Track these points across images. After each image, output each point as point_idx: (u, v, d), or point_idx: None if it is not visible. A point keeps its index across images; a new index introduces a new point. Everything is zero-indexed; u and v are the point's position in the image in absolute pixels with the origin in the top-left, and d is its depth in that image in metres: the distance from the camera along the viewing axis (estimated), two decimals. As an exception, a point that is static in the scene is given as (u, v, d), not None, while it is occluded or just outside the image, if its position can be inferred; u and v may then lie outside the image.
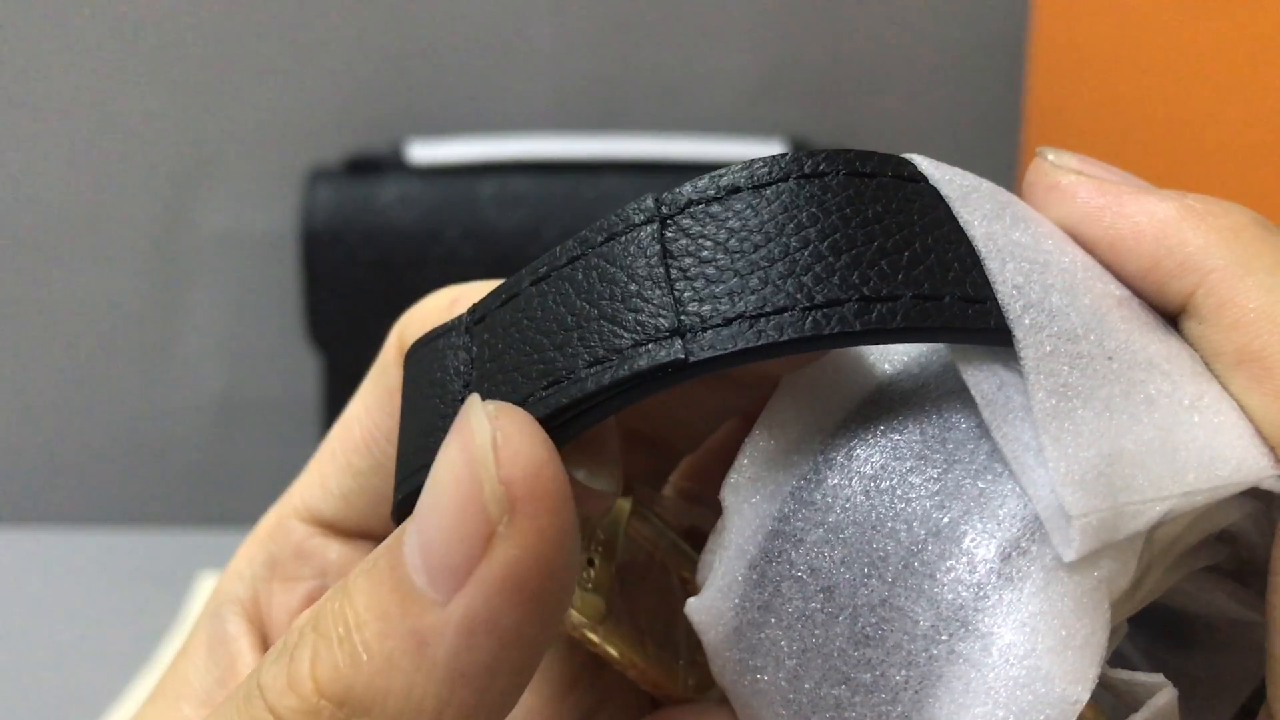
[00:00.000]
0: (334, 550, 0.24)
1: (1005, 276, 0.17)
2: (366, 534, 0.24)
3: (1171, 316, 0.20)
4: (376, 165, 0.69)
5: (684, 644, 0.22)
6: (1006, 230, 0.18)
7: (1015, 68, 0.68)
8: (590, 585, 0.21)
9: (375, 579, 0.16)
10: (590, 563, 0.21)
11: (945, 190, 0.18)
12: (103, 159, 0.75)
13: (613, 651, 0.21)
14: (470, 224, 0.67)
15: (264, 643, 0.23)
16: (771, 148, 0.70)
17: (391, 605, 0.16)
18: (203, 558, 0.71)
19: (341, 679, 0.16)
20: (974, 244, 0.18)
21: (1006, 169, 0.71)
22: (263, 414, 0.77)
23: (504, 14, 0.74)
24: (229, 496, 0.77)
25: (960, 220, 0.18)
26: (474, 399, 0.16)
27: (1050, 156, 0.20)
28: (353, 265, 0.67)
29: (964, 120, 0.76)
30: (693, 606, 0.19)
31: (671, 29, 0.74)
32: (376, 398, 0.23)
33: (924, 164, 0.19)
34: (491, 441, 0.16)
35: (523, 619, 0.16)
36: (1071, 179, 0.20)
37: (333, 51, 0.74)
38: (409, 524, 0.16)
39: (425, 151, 0.69)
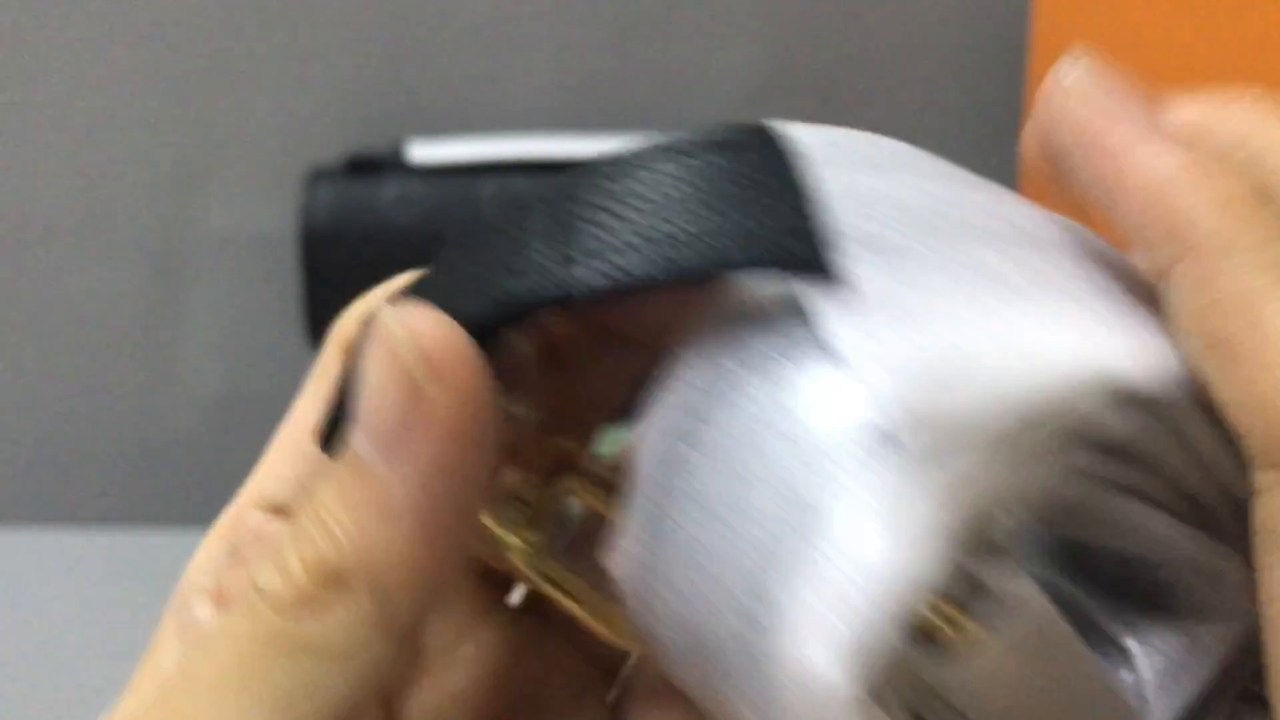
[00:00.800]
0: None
1: (844, 217, 0.19)
2: None
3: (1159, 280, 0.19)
4: (376, 165, 0.69)
5: None
6: (861, 179, 0.20)
7: (1015, 68, 0.68)
8: (525, 521, 0.22)
9: (332, 474, 0.19)
10: (527, 504, 0.22)
11: (806, 150, 0.19)
12: (103, 159, 0.75)
13: (551, 589, 0.23)
14: (471, 224, 0.67)
15: None
16: (771, 148, 0.70)
17: (351, 487, 0.19)
18: (203, 558, 0.71)
19: (326, 563, 0.19)
20: (823, 193, 0.19)
21: (1007, 169, 0.71)
22: (262, 413, 0.77)
23: (504, 14, 0.74)
24: (229, 496, 0.77)
25: (813, 173, 0.19)
26: (381, 306, 0.19)
27: (1067, 81, 0.20)
28: (353, 265, 0.67)
29: (964, 120, 0.76)
30: (607, 554, 0.20)
31: (671, 29, 0.74)
32: (320, 391, 0.24)
33: (788, 128, 0.20)
34: (401, 324, 0.18)
35: (464, 459, 0.18)
36: (1080, 115, 0.20)
37: (333, 51, 0.74)
38: (354, 425, 0.19)
39: (425, 151, 0.69)
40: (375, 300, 0.25)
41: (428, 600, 0.19)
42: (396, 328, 0.18)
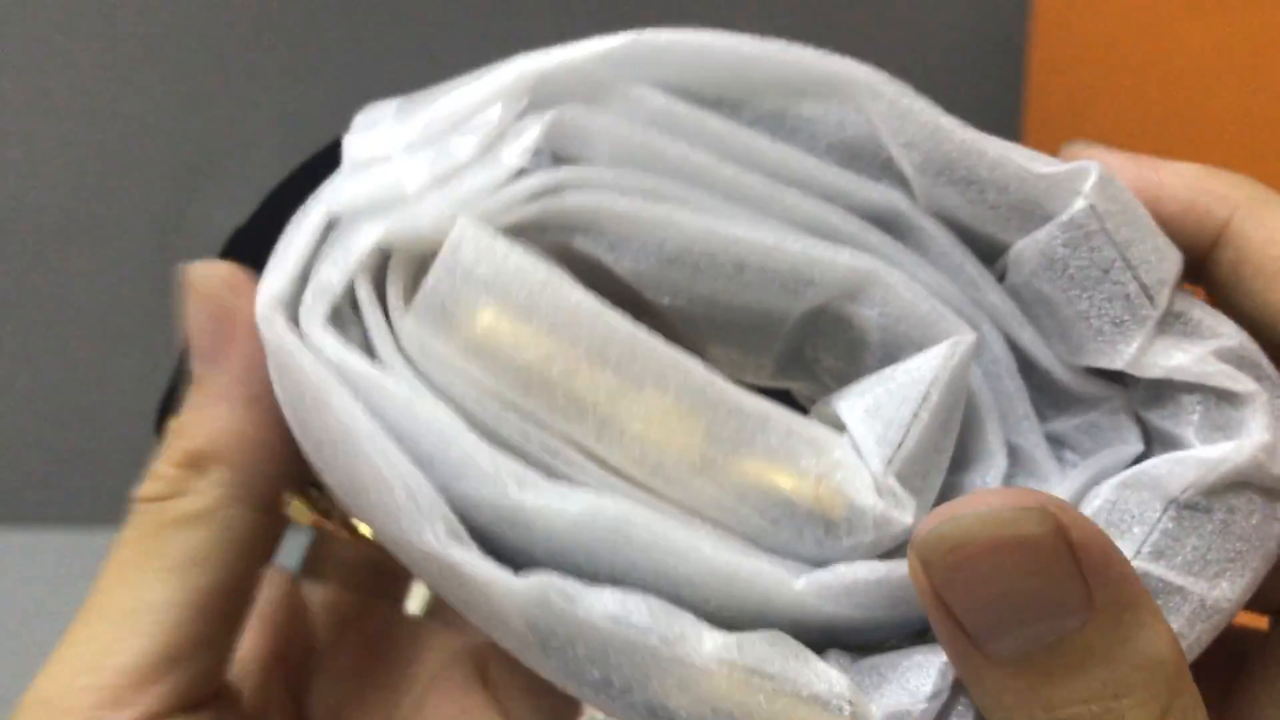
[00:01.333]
0: None
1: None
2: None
3: (1199, 257, 0.23)
4: (377, 165, 0.69)
5: None
6: None
7: (1015, 69, 0.68)
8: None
9: (185, 400, 0.25)
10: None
11: None
12: (103, 159, 0.75)
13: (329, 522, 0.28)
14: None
15: None
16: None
17: (196, 397, 0.25)
18: (204, 557, 0.71)
19: (184, 448, 0.24)
20: None
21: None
22: (264, 414, 0.78)
23: (504, 16, 0.74)
24: (230, 496, 0.78)
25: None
26: (188, 268, 0.26)
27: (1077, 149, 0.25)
28: (354, 265, 0.67)
29: (963, 120, 0.76)
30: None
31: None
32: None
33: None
34: (205, 270, 0.26)
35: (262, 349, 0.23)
36: (1099, 151, 0.24)
37: (334, 52, 0.74)
38: (190, 356, 0.25)
39: (426, 152, 0.69)
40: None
41: (271, 466, 0.24)
42: (203, 273, 0.26)
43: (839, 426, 0.22)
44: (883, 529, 0.21)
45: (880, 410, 0.22)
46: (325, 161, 0.26)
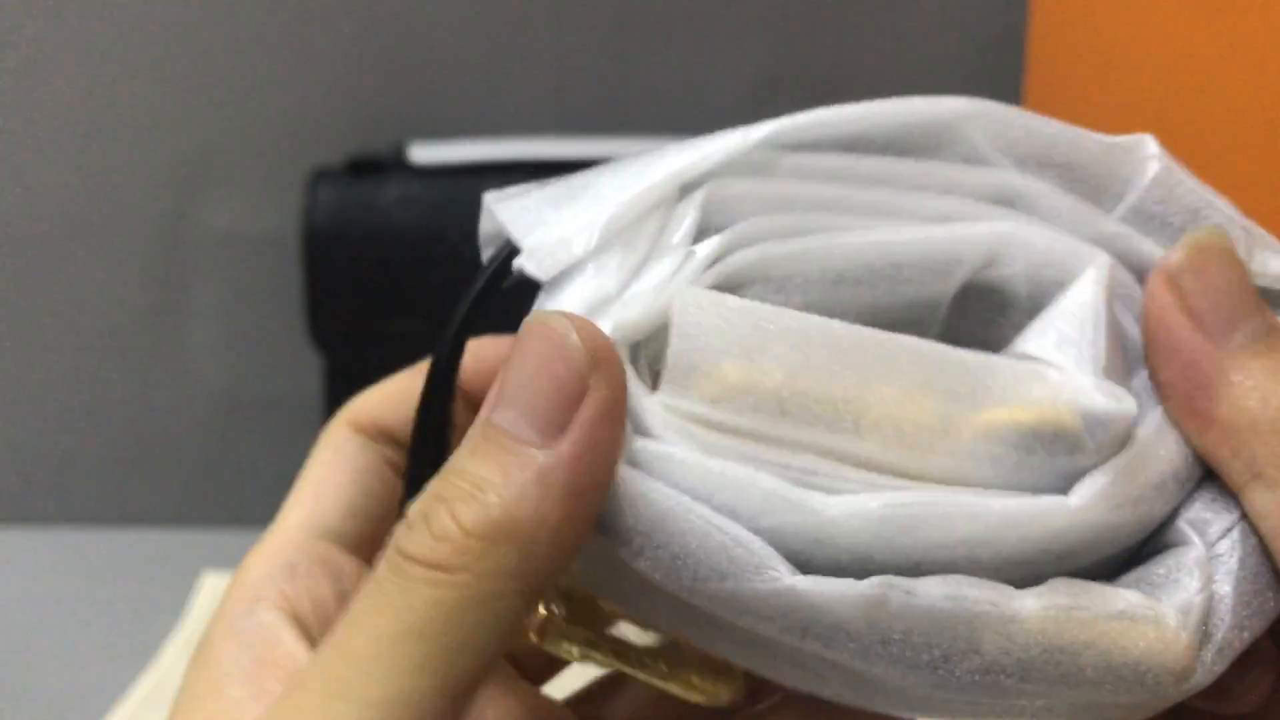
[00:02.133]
0: (345, 560, 0.28)
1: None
2: (369, 547, 0.28)
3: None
4: (378, 166, 0.69)
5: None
6: None
7: (1014, 70, 0.68)
8: (567, 625, 0.27)
9: (483, 452, 0.21)
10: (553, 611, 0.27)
11: None
12: (106, 160, 0.75)
13: (619, 663, 0.27)
14: (471, 224, 0.66)
15: (303, 628, 0.26)
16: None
17: (507, 461, 0.21)
18: (205, 557, 0.71)
19: (483, 518, 0.21)
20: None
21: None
22: (265, 413, 0.78)
23: (505, 18, 0.74)
24: (231, 496, 0.78)
25: None
26: (536, 312, 0.23)
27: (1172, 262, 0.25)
28: (354, 265, 0.67)
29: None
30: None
31: (670, 32, 0.75)
32: (334, 467, 0.28)
33: None
34: (569, 324, 0.22)
35: (611, 439, 0.22)
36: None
37: (335, 53, 0.74)
38: (494, 409, 0.22)
39: (426, 153, 0.69)
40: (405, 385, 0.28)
41: (560, 563, 0.21)
42: (564, 327, 0.22)
43: None
44: (1117, 423, 0.24)
45: (1066, 338, 0.25)
46: (495, 279, 0.26)
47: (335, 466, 0.29)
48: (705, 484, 0.22)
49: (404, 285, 0.67)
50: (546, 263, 0.25)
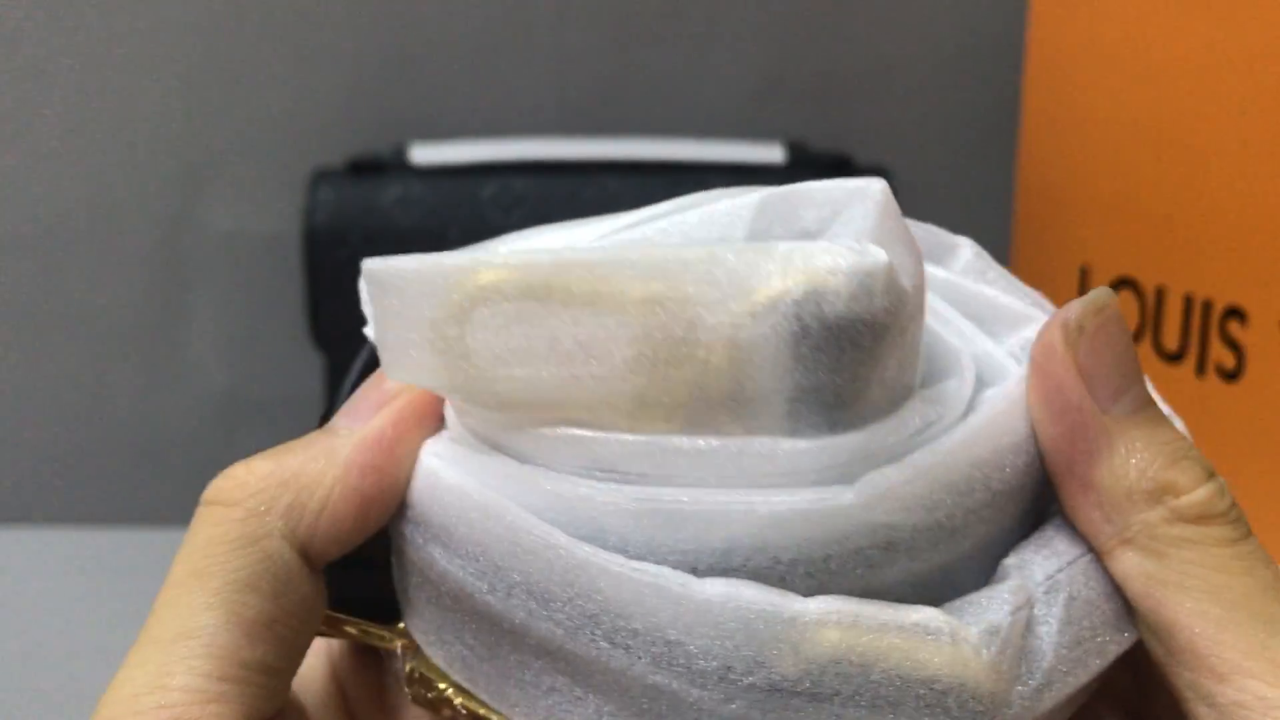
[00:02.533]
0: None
1: None
2: None
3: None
4: (379, 166, 0.69)
5: None
6: None
7: (1013, 72, 0.68)
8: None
9: (307, 437, 0.25)
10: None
11: None
12: (107, 159, 0.75)
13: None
14: (472, 225, 0.67)
15: None
16: (770, 151, 0.70)
17: (316, 436, 0.25)
18: (206, 557, 0.71)
19: (272, 467, 0.25)
20: None
21: (1003, 172, 0.71)
22: (266, 414, 0.78)
23: (506, 19, 0.74)
24: (232, 496, 0.78)
25: None
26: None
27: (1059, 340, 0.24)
28: (355, 266, 0.67)
29: (962, 124, 0.76)
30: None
31: (671, 33, 0.75)
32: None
33: None
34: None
35: (404, 434, 0.25)
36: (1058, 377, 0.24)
37: (336, 54, 0.74)
38: (339, 417, 0.26)
39: (427, 154, 0.69)
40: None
41: (331, 527, 0.25)
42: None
43: None
44: (880, 273, 0.22)
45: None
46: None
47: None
48: (494, 479, 0.23)
49: (404, 286, 0.67)
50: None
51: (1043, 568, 0.23)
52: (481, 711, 0.25)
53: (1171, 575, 0.22)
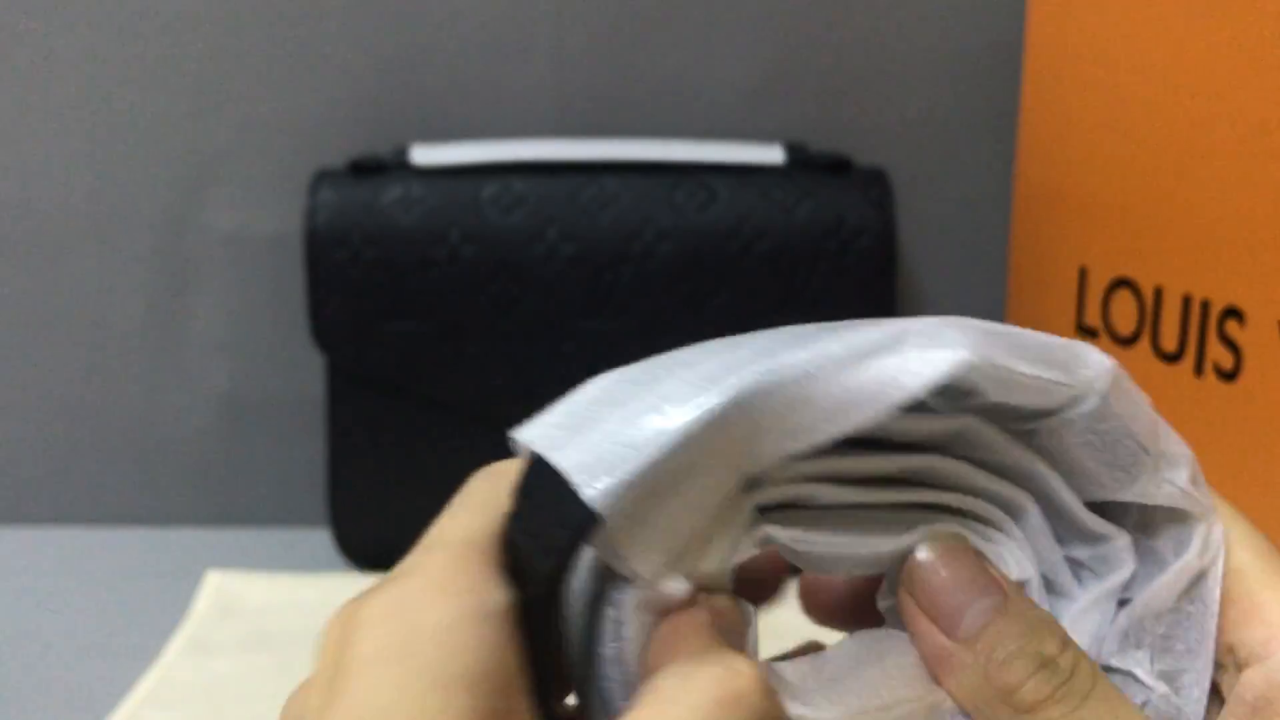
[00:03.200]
0: None
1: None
2: None
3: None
4: (380, 167, 0.69)
5: None
6: None
7: (1012, 72, 0.68)
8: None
9: None
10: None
11: None
12: (108, 161, 0.75)
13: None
14: (472, 225, 0.67)
15: None
16: (770, 151, 0.70)
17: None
18: (208, 557, 0.71)
19: None
20: None
21: (1002, 173, 0.71)
22: (267, 414, 0.78)
23: (506, 20, 0.74)
24: (234, 495, 0.78)
25: None
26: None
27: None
28: (356, 266, 0.67)
29: (961, 125, 0.76)
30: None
31: (670, 35, 0.75)
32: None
33: None
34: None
35: None
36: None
37: (337, 56, 0.75)
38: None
39: (428, 156, 0.70)
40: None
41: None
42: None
43: None
44: None
45: None
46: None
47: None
48: None
49: (406, 286, 0.67)
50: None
51: None
52: None
53: None
